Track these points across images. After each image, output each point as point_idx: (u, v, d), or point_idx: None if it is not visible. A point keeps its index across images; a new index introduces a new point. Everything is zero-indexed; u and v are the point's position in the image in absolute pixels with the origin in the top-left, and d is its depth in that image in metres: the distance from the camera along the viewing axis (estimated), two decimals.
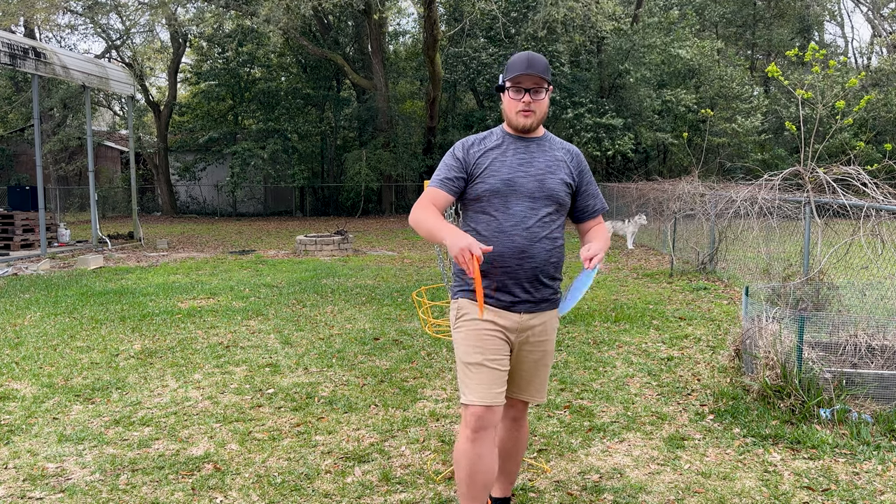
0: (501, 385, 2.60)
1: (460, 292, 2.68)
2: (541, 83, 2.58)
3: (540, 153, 2.68)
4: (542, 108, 2.64)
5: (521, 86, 2.59)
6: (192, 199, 29.42)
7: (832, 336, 4.89)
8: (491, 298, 2.61)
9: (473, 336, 2.60)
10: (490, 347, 2.58)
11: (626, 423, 4.09)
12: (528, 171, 2.63)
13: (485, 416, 2.55)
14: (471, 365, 2.58)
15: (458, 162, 2.66)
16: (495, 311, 2.61)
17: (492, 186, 2.60)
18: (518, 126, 2.65)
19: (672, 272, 10.24)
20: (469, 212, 2.71)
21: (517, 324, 2.62)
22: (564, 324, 6.77)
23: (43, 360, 5.52)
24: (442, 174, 2.67)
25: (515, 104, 2.61)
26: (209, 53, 26.82)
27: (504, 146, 2.67)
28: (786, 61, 28.20)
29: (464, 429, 2.60)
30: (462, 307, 2.65)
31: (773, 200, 6.18)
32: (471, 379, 2.58)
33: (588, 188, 2.78)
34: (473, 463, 2.57)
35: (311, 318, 7.10)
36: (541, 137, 2.72)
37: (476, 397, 2.55)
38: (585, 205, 2.78)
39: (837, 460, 3.55)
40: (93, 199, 15.22)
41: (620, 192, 17.50)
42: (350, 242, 13.67)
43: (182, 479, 3.38)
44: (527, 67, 2.56)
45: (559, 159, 2.70)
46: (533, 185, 2.61)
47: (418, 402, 4.49)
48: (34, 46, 13.11)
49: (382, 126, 25.06)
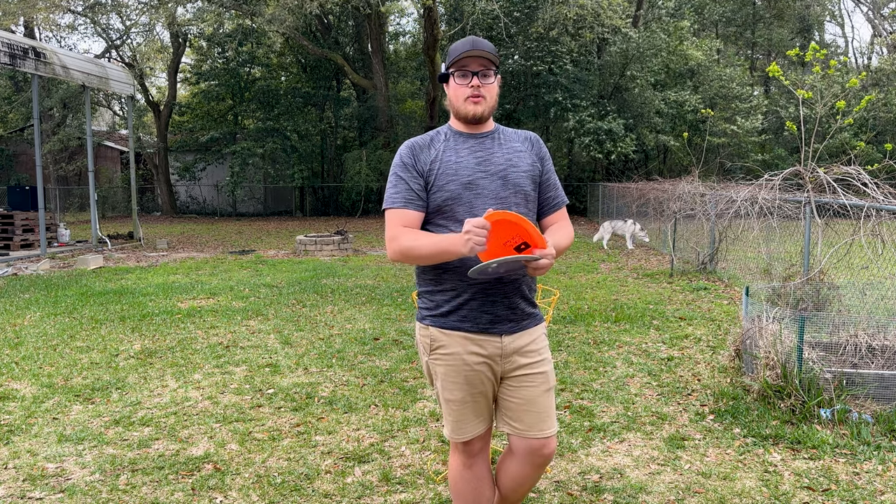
0: (487, 411, 2.43)
1: (429, 318, 2.38)
2: (488, 65, 2.31)
3: (496, 147, 2.39)
4: (492, 94, 2.35)
5: (468, 69, 2.31)
6: (191, 199, 29.43)
7: (832, 336, 4.88)
8: (467, 322, 2.32)
9: (454, 372, 2.34)
10: (474, 381, 2.35)
11: (626, 424, 4.09)
12: (489, 170, 2.34)
13: (475, 443, 2.44)
14: (453, 402, 2.37)
15: (412, 171, 2.33)
16: (474, 338, 2.33)
17: (452, 193, 2.29)
18: (467, 116, 2.34)
19: (672, 272, 10.24)
20: (430, 225, 2.35)
21: (500, 349, 2.35)
22: (564, 324, 6.77)
23: (43, 360, 5.52)
24: (402, 190, 2.32)
25: (462, 90, 2.32)
26: (209, 53, 26.81)
27: (455, 145, 2.37)
28: (786, 61, 28.22)
29: (455, 457, 2.48)
30: (435, 339, 2.36)
31: (774, 200, 6.18)
32: (454, 416, 2.39)
33: (549, 177, 2.48)
34: (475, 488, 2.46)
35: (311, 318, 7.10)
36: (493, 131, 2.43)
37: (461, 435, 2.40)
38: (546, 197, 2.48)
39: (838, 460, 3.55)
40: (93, 199, 15.22)
41: (620, 193, 17.50)
42: (350, 242, 13.66)
43: (182, 479, 3.38)
44: (472, 47, 2.28)
45: (519, 150, 2.41)
46: (496, 185, 2.32)
47: (418, 402, 4.49)
48: (34, 46, 13.11)
49: (382, 126, 25.06)
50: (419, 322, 2.43)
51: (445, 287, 2.34)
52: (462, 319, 2.33)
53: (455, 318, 2.33)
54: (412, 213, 2.31)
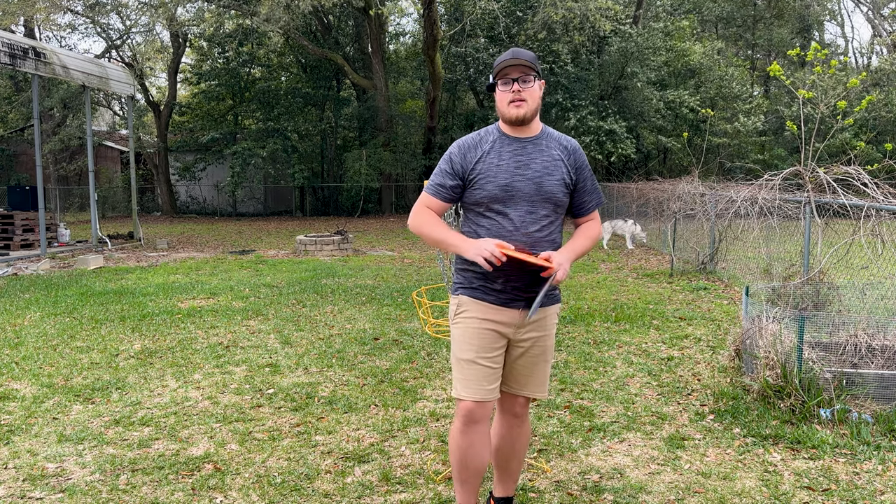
0: (493, 381, 2.64)
1: (461, 289, 2.69)
2: (528, 71, 2.56)
3: (537, 153, 2.65)
4: (533, 97, 2.59)
5: (509, 76, 2.57)
6: (192, 199, 29.42)
7: (832, 336, 4.88)
8: (490, 295, 2.63)
9: (469, 333, 2.63)
10: (484, 345, 2.61)
11: (626, 423, 4.09)
12: (525, 175, 2.60)
13: (475, 410, 2.62)
14: (464, 361, 2.63)
15: (454, 168, 2.65)
16: (494, 307, 2.63)
17: (489, 193, 2.59)
18: (512, 118, 2.61)
19: (672, 272, 10.24)
20: (470, 214, 2.70)
21: (515, 319, 2.64)
22: (564, 324, 6.77)
23: (43, 360, 5.52)
24: (437, 180, 2.68)
25: (505, 95, 2.59)
26: (209, 53, 26.81)
27: (500, 147, 2.64)
28: (786, 61, 28.21)
29: (456, 420, 2.68)
30: (462, 304, 2.67)
31: (774, 200, 6.17)
32: (463, 374, 2.62)
33: (585, 184, 2.75)
34: (465, 451, 2.66)
35: (311, 318, 7.10)
36: (537, 136, 2.68)
37: (467, 393, 2.61)
38: (582, 201, 2.77)
39: (837, 460, 3.55)
40: (93, 199, 15.22)
41: (620, 192, 17.51)
42: (350, 242, 13.66)
43: (182, 479, 3.38)
44: (513, 56, 2.56)
45: (556, 158, 2.66)
46: (530, 189, 2.60)
47: (418, 402, 4.49)
48: (34, 46, 13.11)
49: (382, 126, 25.05)
50: (452, 294, 2.75)
51: (478, 270, 2.64)
52: (487, 293, 2.63)
53: (482, 291, 2.64)
54: (436, 201, 2.68)
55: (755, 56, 32.43)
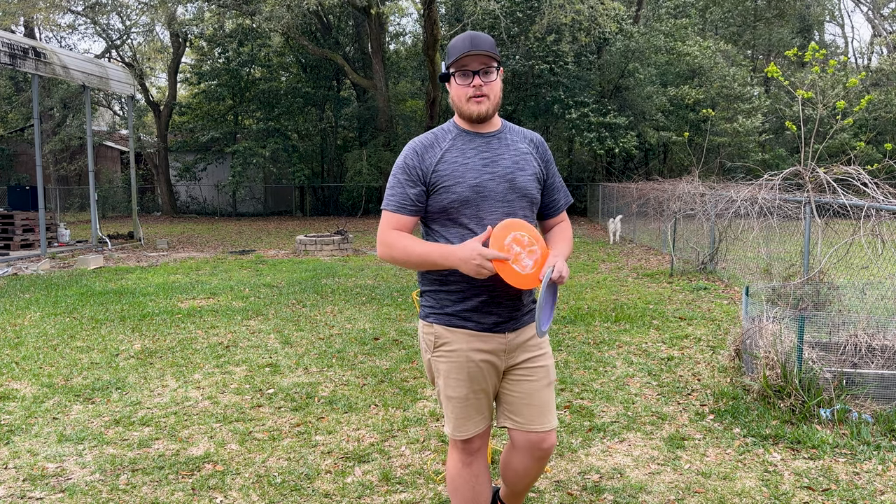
0: (488, 409, 2.42)
1: (433, 316, 2.37)
2: (489, 62, 2.25)
3: (503, 148, 2.35)
4: (495, 92, 2.29)
5: (468, 68, 2.25)
6: (192, 199, 29.43)
7: (832, 336, 4.88)
8: (471, 322, 2.32)
9: (457, 368, 2.33)
10: (476, 378, 2.34)
11: (626, 423, 4.09)
12: (496, 172, 2.30)
13: (475, 441, 2.42)
14: (455, 399, 2.36)
15: (412, 173, 2.29)
16: (478, 335, 2.33)
17: (459, 196, 2.26)
18: (471, 115, 2.30)
19: (672, 272, 10.24)
20: (434, 225, 2.34)
21: (503, 345, 2.35)
22: (564, 324, 6.77)
23: (43, 360, 5.52)
24: (397, 193, 2.30)
25: (464, 90, 2.27)
26: (209, 53, 26.81)
27: (461, 144, 2.32)
28: (786, 61, 28.21)
29: (454, 454, 2.46)
30: (440, 336, 2.35)
31: (774, 200, 6.18)
32: (455, 414, 2.37)
33: (554, 180, 2.47)
34: (473, 486, 2.44)
35: (311, 318, 7.10)
36: (500, 130, 2.39)
37: (463, 432, 2.38)
38: (551, 199, 2.48)
39: (837, 460, 3.55)
40: (93, 199, 15.22)
41: (620, 192, 17.51)
42: (350, 242, 13.67)
43: (182, 479, 3.38)
44: (471, 46, 2.22)
45: (525, 152, 2.38)
46: (503, 188, 2.30)
47: (418, 402, 4.49)
48: (34, 46, 13.11)
49: (382, 126, 25.06)
50: (423, 320, 2.41)
51: (451, 289, 2.33)
52: (466, 319, 2.32)
53: (459, 318, 2.33)
54: (404, 217, 2.30)
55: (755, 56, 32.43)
